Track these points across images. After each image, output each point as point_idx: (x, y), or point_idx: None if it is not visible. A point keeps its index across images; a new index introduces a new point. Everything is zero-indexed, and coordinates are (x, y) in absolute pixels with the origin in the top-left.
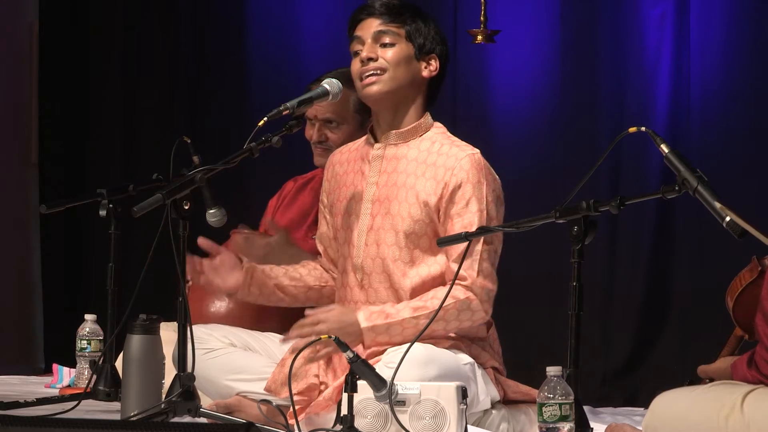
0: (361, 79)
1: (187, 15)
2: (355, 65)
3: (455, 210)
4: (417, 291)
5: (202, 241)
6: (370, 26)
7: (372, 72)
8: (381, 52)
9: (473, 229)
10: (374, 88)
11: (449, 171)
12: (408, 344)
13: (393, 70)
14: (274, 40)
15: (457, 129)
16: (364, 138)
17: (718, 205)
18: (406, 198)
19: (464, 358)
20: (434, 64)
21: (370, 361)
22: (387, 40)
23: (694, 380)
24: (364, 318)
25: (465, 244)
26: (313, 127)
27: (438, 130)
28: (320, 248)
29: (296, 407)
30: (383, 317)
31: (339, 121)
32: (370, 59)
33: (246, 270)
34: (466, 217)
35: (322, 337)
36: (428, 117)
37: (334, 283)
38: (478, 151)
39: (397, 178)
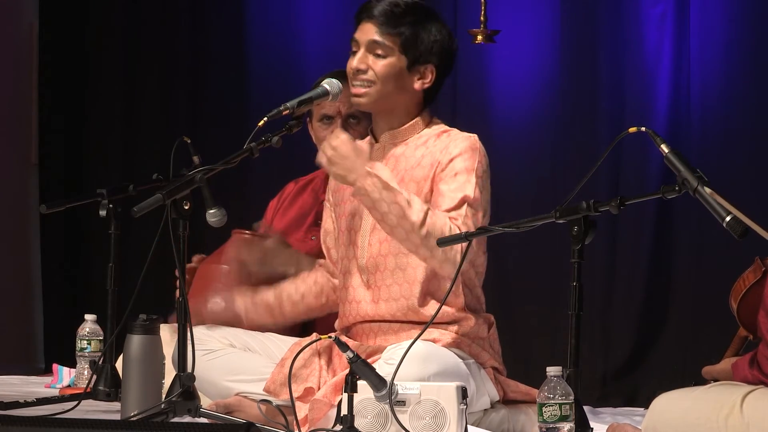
0: (353, 84)
1: (187, 15)
2: (350, 65)
3: (444, 179)
4: (429, 279)
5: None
6: (367, 32)
7: (360, 83)
8: (372, 63)
9: (458, 195)
10: (361, 101)
11: (444, 150)
12: (409, 343)
13: (381, 84)
14: (275, 40)
15: (457, 128)
16: (367, 139)
17: (719, 200)
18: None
19: (464, 357)
20: (429, 76)
21: (370, 360)
22: (379, 51)
23: (700, 381)
24: (375, 166)
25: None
26: (329, 127)
27: (436, 125)
28: (324, 248)
29: (297, 413)
30: (389, 176)
31: (360, 116)
32: (359, 70)
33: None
34: (453, 184)
35: (322, 337)
36: (425, 116)
37: (334, 296)
38: (475, 135)
39: (397, 177)
